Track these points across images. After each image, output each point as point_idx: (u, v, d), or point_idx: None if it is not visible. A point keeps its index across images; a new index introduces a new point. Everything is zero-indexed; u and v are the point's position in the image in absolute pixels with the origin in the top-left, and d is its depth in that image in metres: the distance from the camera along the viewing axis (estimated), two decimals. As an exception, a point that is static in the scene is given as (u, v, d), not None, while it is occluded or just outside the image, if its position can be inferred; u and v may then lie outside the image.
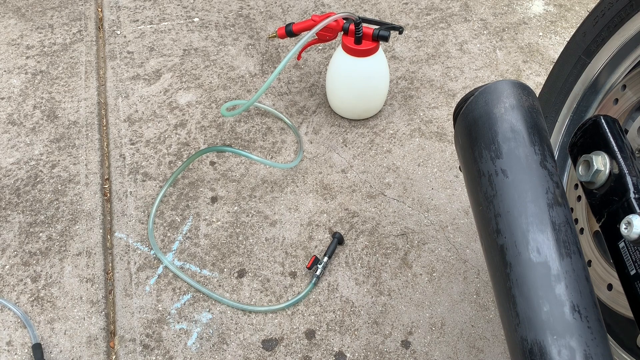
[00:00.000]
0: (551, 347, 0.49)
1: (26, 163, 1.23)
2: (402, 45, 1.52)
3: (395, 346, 0.99)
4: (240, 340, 0.99)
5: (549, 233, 0.53)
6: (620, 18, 0.76)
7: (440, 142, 1.30)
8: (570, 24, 1.59)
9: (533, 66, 1.47)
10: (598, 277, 0.76)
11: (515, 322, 0.52)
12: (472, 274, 1.09)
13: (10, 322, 1.00)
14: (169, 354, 0.97)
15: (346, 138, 1.30)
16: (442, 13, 1.61)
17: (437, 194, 1.20)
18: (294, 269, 1.08)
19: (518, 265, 0.53)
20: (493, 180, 0.57)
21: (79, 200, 1.17)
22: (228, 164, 1.24)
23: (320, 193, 1.20)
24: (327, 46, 1.50)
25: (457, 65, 1.47)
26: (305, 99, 1.38)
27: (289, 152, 1.27)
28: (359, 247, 1.12)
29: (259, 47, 1.49)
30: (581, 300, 0.50)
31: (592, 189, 0.59)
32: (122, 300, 1.03)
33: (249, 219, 1.15)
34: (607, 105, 0.80)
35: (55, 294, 1.03)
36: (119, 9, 1.58)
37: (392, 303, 1.04)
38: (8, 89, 1.38)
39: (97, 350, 0.97)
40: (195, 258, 1.09)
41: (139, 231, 1.13)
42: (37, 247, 1.10)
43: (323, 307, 1.04)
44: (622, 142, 0.58)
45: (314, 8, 1.60)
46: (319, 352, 0.98)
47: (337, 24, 1.21)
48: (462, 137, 0.63)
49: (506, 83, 0.61)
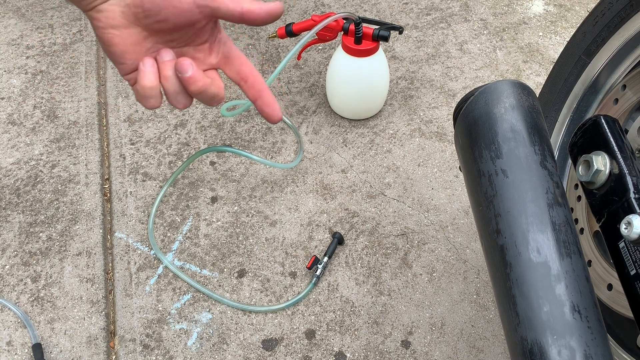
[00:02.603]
0: (551, 347, 0.49)
1: (26, 163, 1.23)
2: (402, 45, 1.52)
3: (395, 346, 0.99)
4: (240, 340, 0.99)
5: (549, 233, 0.53)
6: (620, 18, 0.76)
7: (440, 142, 1.30)
8: (570, 24, 1.59)
9: (533, 66, 1.47)
10: (598, 277, 0.76)
11: (515, 322, 0.52)
12: (472, 274, 1.09)
13: (10, 322, 1.00)
14: (169, 354, 0.97)
15: (346, 138, 1.30)
16: (442, 13, 1.61)
17: (437, 194, 1.20)
18: (294, 269, 1.08)
19: (518, 265, 0.53)
20: (493, 180, 0.57)
21: (79, 200, 1.17)
22: (228, 164, 1.24)
23: (320, 193, 1.20)
24: (327, 46, 1.50)
25: (457, 65, 1.47)
26: (305, 99, 1.38)
27: (289, 152, 1.27)
28: (359, 247, 1.12)
29: (259, 47, 1.49)
30: (581, 300, 0.50)
31: (592, 189, 0.59)
32: (122, 300, 1.03)
33: (249, 219, 1.15)
34: (607, 105, 0.80)
35: (55, 294, 1.03)
36: (119, 9, 1.58)
37: (392, 303, 1.04)
38: (8, 89, 1.38)
39: (97, 350, 0.97)
40: (195, 258, 1.09)
41: (139, 231, 1.13)
42: (37, 247, 1.10)
43: (323, 307, 1.04)
44: (622, 142, 0.58)
45: (314, 8, 1.60)
46: (319, 352, 0.98)
47: (337, 24, 1.21)
48: (462, 137, 0.63)
49: (506, 83, 0.61)
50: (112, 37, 0.47)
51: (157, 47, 0.49)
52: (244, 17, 0.47)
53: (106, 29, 0.47)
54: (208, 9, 0.47)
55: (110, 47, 0.48)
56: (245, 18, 0.47)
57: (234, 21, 0.48)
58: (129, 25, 0.47)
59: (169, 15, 0.47)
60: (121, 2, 0.46)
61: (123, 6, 0.46)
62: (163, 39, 0.49)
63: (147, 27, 0.48)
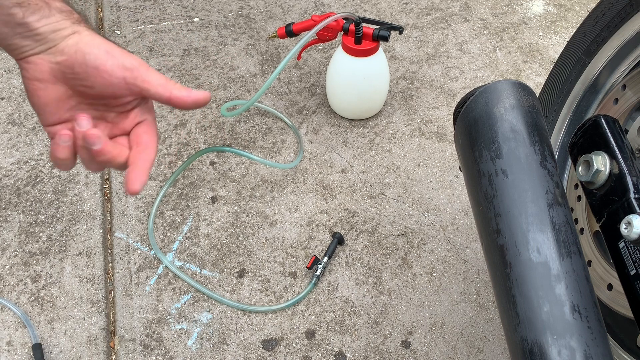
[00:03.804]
0: (551, 347, 0.49)
1: (26, 163, 1.23)
2: (402, 45, 1.52)
3: (395, 346, 0.99)
4: (240, 340, 0.99)
5: (549, 233, 0.53)
6: (620, 18, 0.76)
7: (440, 142, 1.30)
8: (570, 24, 1.59)
9: (533, 66, 1.47)
10: (598, 277, 0.76)
11: (515, 322, 0.52)
12: (472, 274, 1.09)
13: (10, 322, 1.00)
14: (169, 354, 0.97)
15: (346, 138, 1.30)
16: (442, 13, 1.61)
17: (437, 194, 1.20)
18: (294, 269, 1.08)
19: (518, 265, 0.53)
20: (493, 180, 0.57)
21: (79, 200, 1.17)
22: (228, 164, 1.24)
23: (321, 193, 1.20)
24: (327, 46, 1.50)
25: (457, 65, 1.47)
26: (305, 99, 1.38)
27: (289, 152, 1.27)
28: (359, 247, 1.12)
29: (259, 47, 1.49)
30: (581, 300, 0.50)
31: (592, 189, 0.59)
32: (122, 300, 1.03)
33: (249, 219, 1.15)
34: (607, 105, 0.80)
35: (55, 294, 1.03)
36: (119, 9, 1.58)
37: (392, 303, 1.04)
38: (8, 89, 1.38)
39: (97, 350, 0.97)
40: (195, 258, 1.09)
41: (139, 231, 1.13)
42: (37, 247, 1.10)
43: (323, 307, 1.04)
44: (622, 142, 0.58)
45: (314, 8, 1.60)
46: (319, 352, 0.98)
47: (337, 24, 1.21)
48: (462, 137, 0.63)
49: (506, 83, 0.61)
50: (36, 89, 0.47)
51: (79, 107, 0.49)
52: (172, 101, 0.49)
53: (32, 80, 0.47)
54: (137, 88, 0.48)
55: (32, 98, 0.48)
56: (173, 102, 0.49)
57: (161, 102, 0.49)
58: (55, 81, 0.47)
59: (96, 83, 0.47)
60: (52, 59, 0.46)
61: (53, 63, 0.46)
62: (87, 101, 0.49)
63: (73, 88, 0.48)
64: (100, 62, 0.46)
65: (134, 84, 0.48)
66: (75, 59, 0.46)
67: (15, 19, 0.44)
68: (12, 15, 0.43)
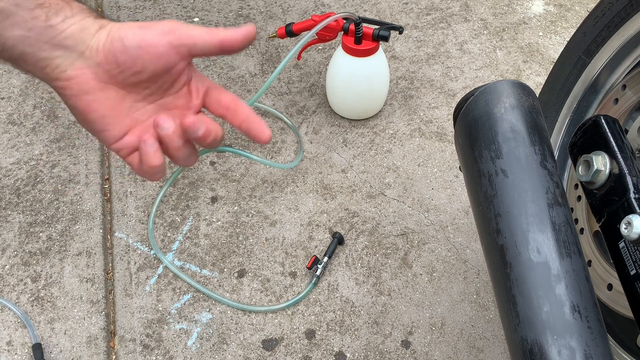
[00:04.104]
0: (551, 347, 0.49)
1: (26, 163, 1.23)
2: (402, 45, 1.52)
3: (395, 346, 0.99)
4: (240, 340, 0.99)
5: (549, 233, 0.53)
6: (620, 18, 0.76)
7: (440, 142, 1.30)
8: (570, 24, 1.59)
9: (533, 66, 1.47)
10: (598, 277, 0.76)
11: (515, 322, 0.52)
12: (472, 274, 1.09)
13: (10, 322, 1.00)
14: (169, 354, 0.97)
15: (346, 138, 1.30)
16: (442, 13, 1.61)
17: (437, 194, 1.20)
18: (294, 269, 1.08)
19: (518, 265, 0.53)
20: (493, 180, 0.57)
21: (79, 200, 1.17)
22: (228, 164, 1.24)
23: (320, 193, 1.20)
24: (327, 46, 1.50)
25: (457, 65, 1.47)
26: (305, 99, 1.38)
27: (289, 152, 1.27)
28: (359, 247, 1.12)
29: (259, 47, 1.49)
30: (581, 300, 0.50)
31: (592, 189, 0.59)
32: (122, 300, 1.03)
33: (249, 219, 1.15)
34: (607, 105, 0.80)
35: (55, 294, 1.03)
36: (119, 9, 1.58)
37: (392, 303, 1.04)
38: (8, 88, 1.38)
39: (97, 350, 0.97)
40: (195, 258, 1.09)
41: (139, 231, 1.13)
42: (37, 247, 1.10)
43: (323, 307, 1.04)
44: (622, 142, 0.58)
45: (314, 8, 1.60)
46: (319, 352, 0.98)
47: (337, 24, 1.21)
48: (462, 137, 0.63)
49: (506, 83, 0.61)
50: (88, 103, 0.43)
51: (136, 107, 0.46)
52: (223, 46, 0.45)
53: (80, 96, 0.43)
54: (184, 48, 0.44)
55: (87, 115, 0.44)
56: (225, 47, 0.45)
57: (212, 54, 0.45)
58: (103, 87, 0.44)
59: (145, 63, 0.44)
60: (91, 63, 0.43)
61: (94, 66, 0.43)
62: (141, 95, 0.46)
63: (123, 84, 0.45)
64: (139, 38, 0.43)
65: (180, 45, 0.44)
66: (115, 49, 0.43)
67: (39, 21, 0.41)
68: (36, 18, 0.41)
